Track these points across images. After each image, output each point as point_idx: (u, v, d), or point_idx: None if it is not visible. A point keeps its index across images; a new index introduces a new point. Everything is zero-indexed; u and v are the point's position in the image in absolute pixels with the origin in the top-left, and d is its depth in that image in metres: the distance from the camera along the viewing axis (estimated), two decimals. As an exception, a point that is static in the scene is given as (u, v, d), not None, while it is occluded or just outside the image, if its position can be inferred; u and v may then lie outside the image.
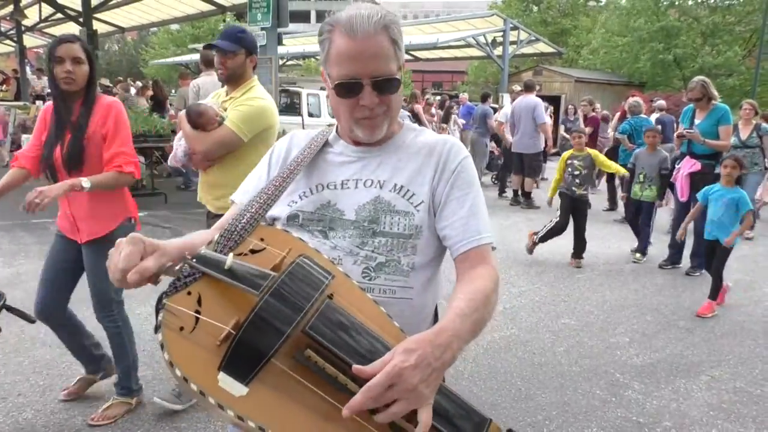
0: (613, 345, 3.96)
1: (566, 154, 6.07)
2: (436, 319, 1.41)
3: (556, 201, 6.11)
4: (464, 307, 1.11)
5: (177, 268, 1.05)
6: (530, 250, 6.05)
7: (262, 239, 1.12)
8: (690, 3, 23.50)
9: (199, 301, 1.00)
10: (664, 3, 23.66)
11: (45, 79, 16.96)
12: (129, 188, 2.82)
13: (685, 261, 5.83)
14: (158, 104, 10.96)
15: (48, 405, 2.90)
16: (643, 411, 3.12)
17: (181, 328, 0.97)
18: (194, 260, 1.02)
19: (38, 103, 13.97)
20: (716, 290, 4.69)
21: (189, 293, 1.01)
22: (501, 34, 15.97)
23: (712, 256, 4.81)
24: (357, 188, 1.30)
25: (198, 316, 0.98)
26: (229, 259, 1.00)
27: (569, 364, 3.65)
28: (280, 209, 1.31)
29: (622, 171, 6.28)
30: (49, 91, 17.36)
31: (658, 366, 3.67)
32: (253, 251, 1.09)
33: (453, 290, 1.20)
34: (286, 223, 1.31)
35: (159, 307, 1.01)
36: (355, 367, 0.95)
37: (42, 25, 16.82)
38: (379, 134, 1.30)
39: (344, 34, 1.20)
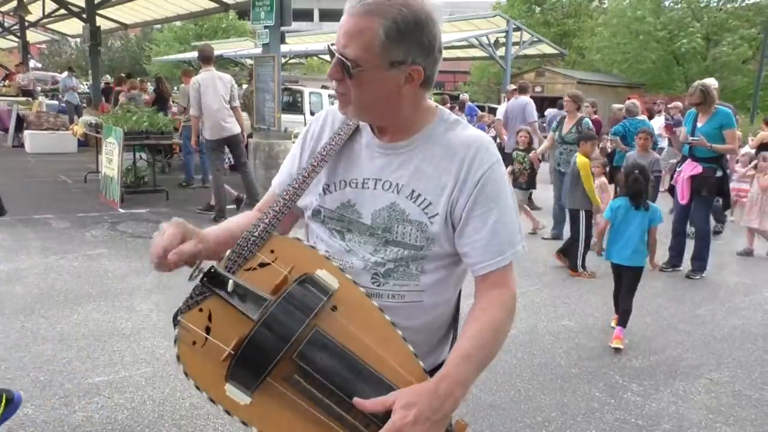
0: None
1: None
2: (457, 311, 1.41)
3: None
4: (469, 347, 1.15)
5: (198, 270, 1.14)
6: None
7: (272, 251, 1.17)
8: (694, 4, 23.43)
9: (209, 317, 1.11)
10: (667, 3, 23.64)
11: (31, 73, 16.98)
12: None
13: (686, 264, 5.83)
14: (161, 101, 10.96)
15: (49, 400, 2.90)
16: (642, 413, 3.13)
17: (194, 343, 1.10)
18: (205, 279, 1.11)
19: (41, 98, 13.97)
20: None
21: (201, 310, 1.12)
22: (504, 34, 15.98)
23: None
24: (375, 189, 1.28)
25: (207, 336, 1.10)
26: (230, 285, 1.10)
27: (569, 365, 3.66)
28: (307, 200, 1.34)
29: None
30: (55, 86, 17.26)
31: (657, 368, 3.68)
32: (261, 264, 1.16)
33: (466, 318, 1.23)
34: (311, 216, 1.35)
35: (175, 322, 1.12)
36: (356, 399, 1.04)
37: (45, 20, 16.86)
38: (346, 114, 1.27)
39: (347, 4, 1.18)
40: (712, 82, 5.74)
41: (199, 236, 1.17)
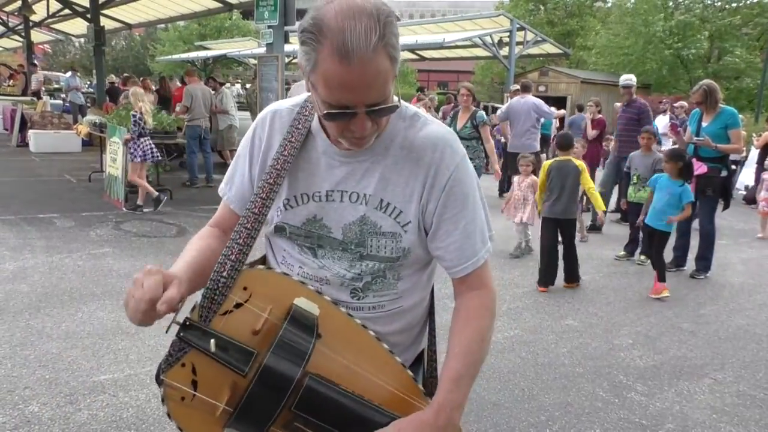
0: (616, 347, 3.96)
1: (549, 163, 5.29)
2: (432, 304, 1.41)
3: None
4: (460, 368, 1.14)
5: (174, 322, 1.09)
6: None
7: (245, 288, 1.12)
8: (698, 4, 23.33)
9: (194, 371, 1.08)
10: (671, 4, 23.57)
11: (41, 73, 16.99)
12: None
13: (690, 264, 5.83)
14: (164, 101, 11.01)
15: (54, 398, 2.91)
16: (646, 413, 3.12)
17: (183, 398, 1.08)
18: (182, 334, 1.06)
19: (45, 98, 14.01)
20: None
21: (183, 365, 1.08)
22: (507, 34, 15.94)
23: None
24: (342, 202, 1.21)
25: (194, 393, 1.07)
26: (212, 345, 1.04)
27: (572, 365, 3.66)
28: (268, 215, 1.25)
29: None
30: (59, 86, 17.28)
31: (661, 368, 3.67)
32: (237, 305, 1.11)
33: (451, 327, 1.22)
34: (274, 232, 1.29)
35: (159, 381, 1.09)
36: None
37: (49, 20, 16.90)
38: (367, 146, 1.16)
39: (336, 57, 0.98)
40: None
41: (178, 279, 1.07)
